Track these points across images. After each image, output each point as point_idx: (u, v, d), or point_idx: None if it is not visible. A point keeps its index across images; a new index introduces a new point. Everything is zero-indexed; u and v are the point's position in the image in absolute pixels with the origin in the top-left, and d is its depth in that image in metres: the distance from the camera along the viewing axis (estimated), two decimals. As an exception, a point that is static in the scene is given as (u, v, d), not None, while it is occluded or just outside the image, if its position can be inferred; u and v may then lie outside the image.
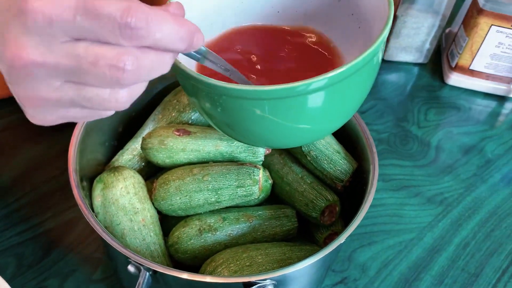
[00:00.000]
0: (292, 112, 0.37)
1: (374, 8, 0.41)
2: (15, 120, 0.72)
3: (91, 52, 0.26)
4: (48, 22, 0.25)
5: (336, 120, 0.42)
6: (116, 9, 0.25)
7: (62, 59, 0.27)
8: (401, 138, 0.77)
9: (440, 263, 0.62)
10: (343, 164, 0.53)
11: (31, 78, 0.27)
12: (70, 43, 0.26)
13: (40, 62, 0.26)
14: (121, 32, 0.26)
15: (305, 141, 0.49)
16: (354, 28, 0.45)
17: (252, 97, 0.35)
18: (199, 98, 0.39)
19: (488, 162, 0.74)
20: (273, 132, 0.39)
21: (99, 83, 0.28)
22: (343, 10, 0.46)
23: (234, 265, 0.46)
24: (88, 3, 0.25)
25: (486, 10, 0.74)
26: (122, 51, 0.26)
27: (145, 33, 0.26)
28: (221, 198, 0.50)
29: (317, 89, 0.35)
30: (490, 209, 0.68)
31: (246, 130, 0.40)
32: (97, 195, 0.50)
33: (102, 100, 0.28)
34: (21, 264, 0.57)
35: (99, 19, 0.25)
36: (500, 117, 0.82)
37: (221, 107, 0.37)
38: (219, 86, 0.35)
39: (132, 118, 0.60)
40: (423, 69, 0.89)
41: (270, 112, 0.37)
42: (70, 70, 0.27)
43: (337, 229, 0.53)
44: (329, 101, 0.37)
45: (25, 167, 0.66)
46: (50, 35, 0.26)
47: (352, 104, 0.41)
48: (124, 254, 0.41)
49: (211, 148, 0.52)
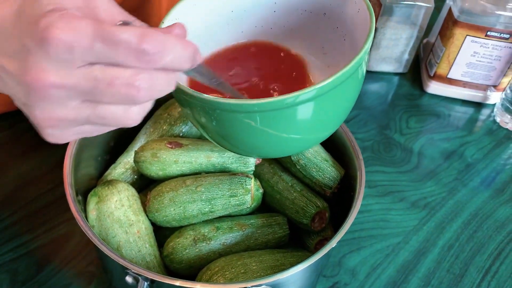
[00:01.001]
0: (283, 123, 0.39)
1: (357, 21, 0.44)
2: (4, 136, 0.72)
3: (107, 74, 0.28)
4: (68, 49, 0.27)
5: (326, 129, 0.44)
6: (132, 37, 0.27)
7: (80, 81, 0.28)
8: (384, 145, 0.79)
9: (426, 265, 0.64)
10: (331, 172, 0.55)
11: (50, 100, 0.29)
12: (88, 65, 0.28)
13: (59, 84, 0.28)
14: (137, 57, 0.28)
15: (296, 151, 0.51)
16: (340, 40, 0.47)
17: (245, 110, 0.37)
18: (194, 112, 0.41)
19: (468, 167, 0.77)
20: (265, 143, 0.41)
21: (114, 102, 0.29)
22: (328, 24, 0.48)
23: (229, 273, 0.48)
24: (105, 31, 0.27)
25: (461, 22, 0.78)
26: (137, 71, 0.28)
27: (158, 58, 0.28)
28: (215, 208, 0.51)
29: (306, 100, 0.37)
30: (471, 211, 0.71)
31: (240, 141, 0.42)
32: (92, 209, 0.51)
33: (117, 117, 0.30)
34: (15, 280, 0.57)
35: (116, 46, 0.27)
36: (478, 123, 0.85)
37: (215, 120, 0.39)
38: (213, 101, 0.37)
39: (123, 132, 0.61)
40: (403, 78, 0.92)
41: (262, 124, 0.38)
42: (88, 91, 0.29)
43: (327, 235, 0.55)
44: (318, 112, 0.39)
45: (16, 183, 0.67)
46: (69, 60, 0.28)
47: (340, 114, 0.43)
48: (122, 265, 0.42)
49: (203, 159, 0.54)
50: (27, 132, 0.73)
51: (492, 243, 0.67)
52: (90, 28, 0.27)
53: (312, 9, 0.48)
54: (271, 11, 0.50)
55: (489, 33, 0.78)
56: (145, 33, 0.27)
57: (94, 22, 0.27)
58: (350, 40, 0.46)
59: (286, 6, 0.49)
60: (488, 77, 0.84)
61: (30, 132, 0.73)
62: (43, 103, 0.29)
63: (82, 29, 0.27)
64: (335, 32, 0.48)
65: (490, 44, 0.79)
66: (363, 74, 0.42)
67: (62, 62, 0.28)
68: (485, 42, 0.79)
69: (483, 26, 0.77)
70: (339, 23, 0.47)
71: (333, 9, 0.47)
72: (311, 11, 0.49)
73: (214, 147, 0.54)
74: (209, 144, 0.55)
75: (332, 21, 0.48)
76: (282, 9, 0.50)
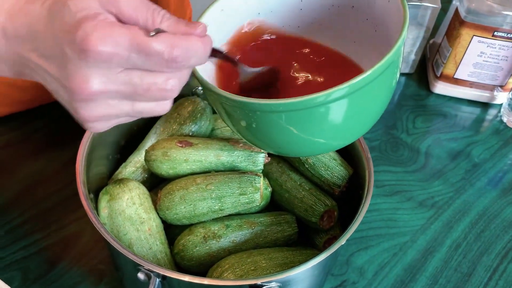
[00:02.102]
0: (312, 123, 0.38)
1: (388, 12, 0.43)
2: (14, 137, 0.73)
3: (144, 81, 0.33)
4: (107, 59, 0.30)
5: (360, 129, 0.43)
6: (163, 48, 0.31)
7: (120, 87, 0.32)
8: (391, 145, 0.79)
9: (434, 264, 0.64)
10: (339, 171, 0.56)
11: (94, 103, 0.33)
12: (126, 72, 0.32)
13: (102, 90, 0.32)
14: (167, 65, 0.32)
15: (322, 151, 0.52)
16: (371, 32, 0.47)
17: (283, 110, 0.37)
18: (230, 115, 0.42)
19: (475, 166, 0.77)
20: (292, 142, 0.41)
21: (150, 101, 0.34)
22: (358, 16, 0.47)
23: (239, 270, 0.48)
24: (139, 44, 0.30)
25: (468, 22, 0.78)
26: (168, 76, 0.33)
27: (186, 63, 0.33)
28: (224, 206, 0.52)
29: (340, 98, 0.36)
30: (479, 211, 0.71)
31: (277, 141, 0.42)
32: (103, 207, 0.52)
33: (151, 110, 0.35)
34: (26, 278, 0.58)
35: (149, 56, 0.31)
36: (485, 123, 0.86)
37: (255, 122, 0.39)
38: (252, 103, 0.37)
39: (134, 132, 0.61)
40: (410, 78, 0.92)
41: (289, 122, 0.38)
42: (128, 95, 0.33)
43: (336, 233, 0.56)
44: (353, 109, 0.38)
45: (26, 183, 0.67)
46: (108, 68, 0.31)
47: (377, 109, 0.42)
48: (135, 261, 0.43)
49: (213, 158, 0.54)
50: (36, 133, 0.74)
51: (500, 242, 0.67)
52: (126, 39, 0.30)
53: (339, 3, 0.48)
54: (298, 9, 0.50)
55: (496, 33, 0.78)
56: (174, 44, 0.31)
57: (129, 33, 0.30)
58: (382, 31, 0.45)
59: (312, 3, 0.49)
60: (495, 77, 0.84)
61: (40, 132, 0.74)
62: (87, 105, 0.33)
63: (119, 41, 0.30)
64: (365, 23, 0.47)
65: (497, 44, 0.79)
66: (399, 68, 0.41)
67: (102, 69, 0.31)
68: (492, 42, 0.79)
69: (490, 26, 0.78)
70: (369, 14, 0.46)
71: (361, 1, 0.46)
72: (338, 5, 0.48)
73: (223, 146, 0.55)
74: (218, 143, 0.55)
75: (361, 13, 0.47)
76: (308, 6, 0.49)
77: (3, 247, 0.60)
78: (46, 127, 0.75)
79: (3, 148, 0.72)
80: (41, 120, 0.75)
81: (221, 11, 0.47)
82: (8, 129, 0.74)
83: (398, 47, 0.37)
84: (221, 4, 0.47)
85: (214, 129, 0.61)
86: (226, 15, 0.47)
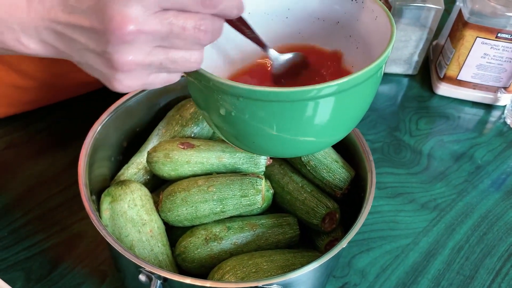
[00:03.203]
0: (302, 117, 0.38)
1: (373, 29, 0.44)
2: (18, 138, 0.73)
3: (180, 20, 0.33)
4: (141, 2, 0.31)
5: (341, 130, 0.44)
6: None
7: (158, 26, 0.33)
8: (394, 147, 0.79)
9: (436, 267, 0.64)
10: (341, 173, 0.56)
11: (131, 45, 0.33)
12: (162, 12, 0.33)
13: (140, 29, 0.32)
14: (202, 3, 0.33)
15: (307, 152, 0.51)
16: (352, 49, 0.48)
17: (276, 99, 0.37)
18: (212, 105, 0.40)
19: (478, 168, 0.77)
20: (280, 141, 0.41)
21: (184, 45, 0.35)
22: (341, 32, 0.48)
23: (240, 272, 0.48)
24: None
25: (471, 23, 0.78)
26: (202, 17, 0.34)
27: (218, 3, 0.33)
28: (226, 208, 0.52)
29: (327, 95, 0.37)
30: (481, 213, 0.71)
31: (262, 137, 0.41)
32: (105, 208, 0.52)
33: (185, 60, 0.36)
34: (29, 279, 0.58)
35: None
36: (488, 125, 0.85)
37: (236, 110, 0.39)
38: (240, 87, 0.36)
39: (136, 133, 0.62)
40: (413, 80, 0.92)
41: (279, 116, 0.38)
42: (164, 35, 0.33)
43: (337, 236, 0.56)
44: (337, 109, 0.39)
45: (29, 183, 0.68)
46: (146, 7, 0.32)
47: (358, 112, 0.43)
48: (136, 263, 0.43)
49: (215, 160, 0.54)
50: (39, 134, 0.74)
51: (503, 245, 0.67)
52: None
53: (325, 17, 0.49)
54: (284, 17, 0.50)
55: (500, 34, 0.78)
56: None
57: None
58: (363, 48, 0.46)
59: (298, 13, 0.50)
60: (499, 79, 0.84)
61: (43, 134, 0.74)
62: (124, 48, 0.33)
63: None
64: (348, 40, 0.48)
65: (500, 45, 0.79)
66: (381, 76, 0.42)
67: (140, 8, 0.32)
68: (496, 44, 0.79)
69: (493, 27, 0.77)
70: (353, 31, 0.47)
71: (348, 18, 0.47)
72: (324, 19, 0.49)
73: (225, 148, 0.55)
74: (220, 145, 0.55)
75: (345, 30, 0.48)
76: (294, 16, 0.50)
77: (6, 248, 0.60)
78: (49, 128, 0.75)
79: (6, 149, 0.72)
80: (44, 121, 0.75)
81: None
82: (11, 130, 0.74)
83: (387, 54, 0.38)
84: None
85: (216, 130, 0.62)
86: None
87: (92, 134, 0.53)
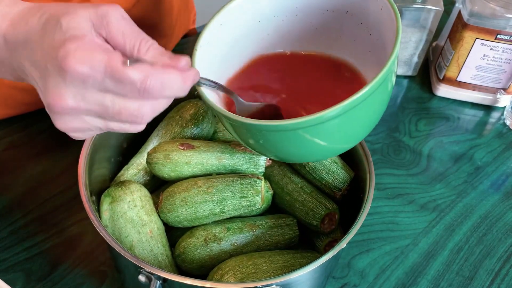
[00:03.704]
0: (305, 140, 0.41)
1: (381, 19, 0.44)
2: (18, 138, 0.74)
3: (116, 105, 0.34)
4: (82, 80, 0.32)
5: (359, 135, 0.46)
6: (137, 77, 0.32)
7: (92, 106, 0.34)
8: (394, 148, 0.79)
9: (436, 268, 0.64)
10: (340, 174, 0.56)
11: (67, 117, 0.35)
12: (100, 93, 0.33)
13: (75, 107, 0.34)
14: (140, 94, 0.33)
15: (320, 159, 0.54)
16: (365, 36, 0.48)
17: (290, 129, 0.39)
18: (239, 133, 0.44)
19: (477, 170, 0.77)
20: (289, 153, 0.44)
21: (122, 122, 0.36)
22: (352, 20, 0.48)
23: (240, 273, 0.48)
24: (114, 70, 0.32)
25: (471, 25, 0.78)
26: (141, 104, 0.34)
27: (158, 94, 0.34)
28: (225, 208, 0.52)
29: (332, 118, 0.38)
30: (481, 214, 0.71)
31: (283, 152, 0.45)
32: (105, 209, 0.52)
33: (123, 129, 0.37)
34: (29, 279, 0.58)
35: (122, 83, 0.33)
36: (488, 126, 0.85)
37: (262, 139, 0.42)
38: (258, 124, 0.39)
39: (136, 135, 0.61)
40: (412, 81, 0.92)
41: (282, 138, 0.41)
42: (100, 114, 0.35)
43: (337, 236, 0.56)
44: (344, 125, 0.41)
45: (29, 184, 0.68)
46: (83, 88, 0.33)
47: (375, 118, 0.45)
48: (136, 264, 0.43)
49: (214, 161, 0.55)
50: (40, 135, 0.74)
51: (502, 246, 0.67)
52: (102, 64, 0.32)
53: (334, 8, 0.49)
54: (293, 15, 0.51)
55: (499, 36, 0.78)
56: (148, 75, 0.33)
57: (107, 58, 0.32)
58: (376, 35, 0.46)
59: (307, 9, 0.50)
60: (498, 80, 0.84)
61: (43, 135, 0.74)
62: (61, 117, 0.35)
63: (95, 64, 0.32)
64: (360, 28, 0.48)
65: (499, 47, 0.79)
66: (393, 81, 0.43)
67: (77, 88, 0.33)
68: (495, 45, 0.79)
69: (493, 29, 0.77)
70: (363, 19, 0.47)
71: (355, 7, 0.47)
72: (333, 10, 0.49)
73: (225, 149, 0.55)
74: (220, 146, 0.55)
75: (356, 18, 0.48)
76: (303, 12, 0.50)
77: (6, 249, 0.61)
78: (49, 129, 0.75)
79: (6, 149, 0.72)
80: (45, 122, 0.75)
81: (221, 26, 0.48)
82: (11, 131, 0.74)
83: (391, 62, 0.39)
84: (220, 18, 0.48)
85: (216, 131, 0.62)
86: (226, 28, 0.49)
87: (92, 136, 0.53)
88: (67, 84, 0.33)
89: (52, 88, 0.33)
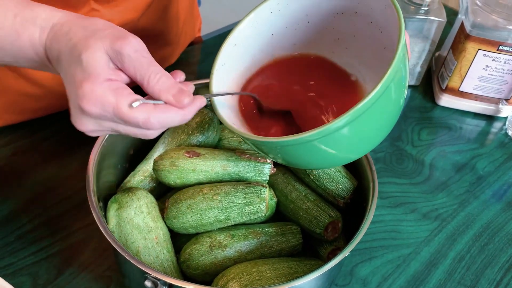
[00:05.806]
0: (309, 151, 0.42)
1: (387, 17, 0.45)
2: (25, 144, 0.74)
3: (128, 131, 0.42)
4: (96, 117, 0.40)
5: (373, 141, 0.48)
6: (140, 118, 0.39)
7: (108, 130, 0.42)
8: (396, 157, 0.80)
9: (437, 276, 0.65)
10: (344, 182, 0.56)
11: (88, 132, 0.43)
12: (113, 123, 0.41)
13: (93, 130, 0.42)
14: (142, 132, 0.41)
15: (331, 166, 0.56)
16: (377, 34, 0.49)
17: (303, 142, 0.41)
18: (258, 148, 0.47)
19: (479, 179, 0.78)
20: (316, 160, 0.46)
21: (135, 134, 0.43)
22: (363, 20, 0.49)
23: (244, 279, 0.49)
24: (120, 113, 0.39)
25: (473, 36, 0.79)
26: (148, 130, 0.41)
27: (162, 128, 0.41)
28: (230, 216, 0.53)
29: (338, 129, 0.40)
30: (483, 223, 0.72)
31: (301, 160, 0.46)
32: (112, 215, 0.53)
33: (135, 135, 0.43)
34: (36, 283, 0.59)
35: (128, 123, 0.40)
36: (490, 136, 0.86)
37: (280, 153, 0.45)
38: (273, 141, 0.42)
39: (142, 142, 0.62)
40: (415, 91, 0.93)
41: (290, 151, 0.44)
42: (115, 132, 0.43)
43: (340, 245, 0.56)
44: (350, 135, 0.42)
45: (36, 190, 0.69)
46: (98, 119, 0.41)
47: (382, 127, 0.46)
48: (142, 269, 0.44)
49: (219, 168, 0.55)
50: (46, 140, 0.75)
51: (504, 255, 0.68)
52: (111, 107, 0.39)
53: (343, 10, 0.50)
54: (305, 23, 0.52)
55: (501, 47, 0.79)
56: (149, 117, 0.39)
57: (115, 102, 0.39)
58: (387, 32, 0.47)
59: (317, 16, 0.51)
60: (500, 90, 0.85)
61: (49, 140, 0.75)
62: (83, 127, 0.42)
63: (105, 107, 0.39)
64: (370, 26, 0.49)
65: (502, 58, 0.80)
66: (404, 83, 0.44)
67: (94, 119, 0.41)
68: (497, 56, 0.80)
69: (495, 40, 0.78)
70: (372, 18, 0.48)
71: (362, 7, 0.49)
72: (342, 12, 0.50)
73: (230, 156, 0.56)
74: (225, 154, 0.56)
75: (365, 18, 0.49)
76: (314, 19, 0.52)
77: (13, 253, 0.61)
78: (55, 135, 0.76)
79: (13, 155, 0.73)
80: (51, 128, 0.76)
81: (234, 46, 0.49)
82: (18, 137, 0.75)
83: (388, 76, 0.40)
84: (233, 40, 0.50)
85: (221, 139, 0.63)
86: (240, 47, 0.51)
87: (100, 142, 0.54)
88: (86, 117, 0.40)
89: (76, 117, 0.41)
